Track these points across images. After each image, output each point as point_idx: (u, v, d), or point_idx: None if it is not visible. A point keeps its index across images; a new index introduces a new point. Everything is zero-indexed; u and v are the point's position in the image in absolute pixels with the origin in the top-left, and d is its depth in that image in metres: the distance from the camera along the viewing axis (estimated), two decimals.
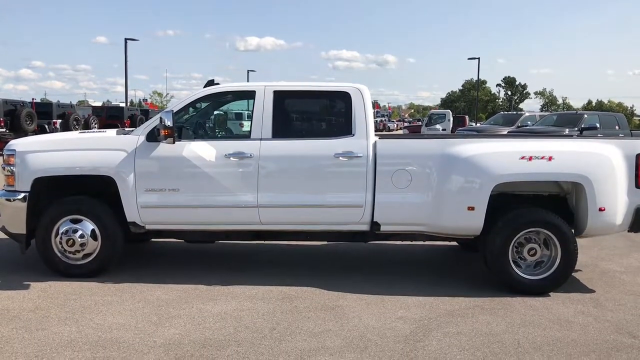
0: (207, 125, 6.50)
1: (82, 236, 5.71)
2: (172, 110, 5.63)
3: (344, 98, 5.92)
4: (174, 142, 5.57)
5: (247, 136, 5.86)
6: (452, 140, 5.81)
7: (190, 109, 6.19)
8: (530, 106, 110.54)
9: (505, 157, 5.51)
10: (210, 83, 6.27)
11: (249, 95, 5.98)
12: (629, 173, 5.59)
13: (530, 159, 5.45)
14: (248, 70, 55.05)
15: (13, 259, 6.44)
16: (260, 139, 5.74)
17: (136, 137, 5.79)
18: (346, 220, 5.78)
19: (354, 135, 5.76)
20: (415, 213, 5.69)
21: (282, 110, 5.93)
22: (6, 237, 6.05)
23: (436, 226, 5.70)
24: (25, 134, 19.90)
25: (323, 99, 6.26)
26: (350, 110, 5.83)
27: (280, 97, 5.90)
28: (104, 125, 26.69)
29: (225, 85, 6.23)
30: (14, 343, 4.19)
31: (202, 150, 5.70)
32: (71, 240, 5.69)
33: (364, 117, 5.80)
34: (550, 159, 5.46)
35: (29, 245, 5.92)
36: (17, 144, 5.93)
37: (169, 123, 5.46)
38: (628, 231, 5.79)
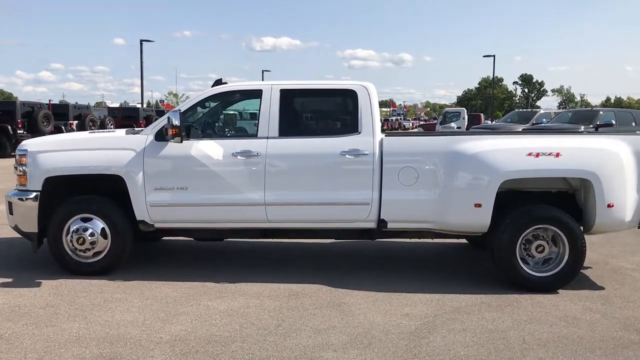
0: (215, 124, 6.55)
1: (92, 234, 5.79)
2: (180, 110, 5.69)
3: (350, 96, 5.93)
4: (181, 141, 5.64)
5: (254, 135, 5.90)
6: (458, 137, 5.80)
7: (199, 108, 6.24)
8: (548, 104, 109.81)
9: (512, 153, 5.49)
10: (218, 82, 6.32)
11: (256, 94, 6.02)
12: (639, 169, 5.54)
13: (537, 155, 5.42)
14: (263, 70, 55.19)
15: (25, 257, 6.54)
16: (267, 138, 5.78)
17: (145, 136, 5.86)
18: (353, 217, 5.79)
19: (360, 133, 5.77)
20: (422, 210, 5.69)
21: (289, 109, 5.96)
22: (19, 235, 6.17)
23: (443, 223, 5.69)
24: (42, 135, 20.16)
25: (329, 97, 6.30)
26: (357, 108, 5.85)
27: (287, 96, 5.93)
28: (120, 126, 26.94)
29: (233, 84, 6.28)
30: (24, 339, 4.27)
31: (210, 149, 5.76)
32: (81, 238, 5.78)
33: (370, 115, 5.81)
34: (557, 155, 5.42)
35: (41, 244, 6.02)
36: (29, 144, 6.03)
37: (176, 122, 5.52)
38: (638, 228, 5.75)
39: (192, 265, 6.44)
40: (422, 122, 60.67)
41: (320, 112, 6.51)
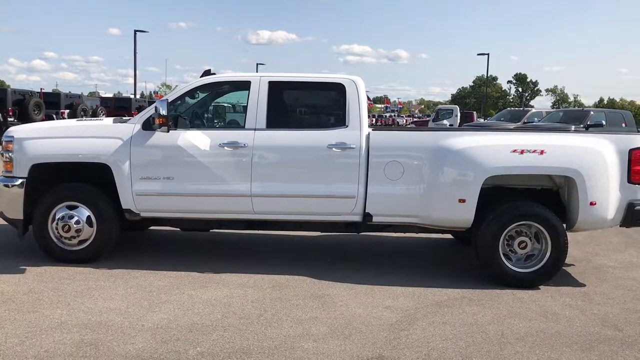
0: (203, 115, 6.55)
1: (77, 222, 5.79)
2: (167, 100, 5.69)
3: (338, 89, 5.96)
4: (168, 131, 5.65)
5: (241, 126, 5.91)
6: (444, 133, 5.85)
7: (187, 98, 6.24)
8: (542, 103, 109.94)
9: (497, 150, 5.53)
10: (207, 73, 6.32)
11: (244, 85, 6.02)
12: (622, 168, 5.59)
13: (521, 152, 5.47)
14: (257, 64, 55.03)
15: (11, 244, 6.54)
16: (255, 129, 5.79)
17: (132, 125, 5.86)
18: (338, 210, 5.82)
19: (347, 126, 5.80)
20: (407, 205, 5.72)
21: (277, 101, 5.98)
22: (4, 222, 6.15)
23: (427, 218, 5.73)
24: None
25: (317, 90, 6.30)
26: (344, 102, 5.87)
27: (275, 88, 5.95)
28: (112, 116, 26.79)
29: (221, 75, 6.29)
30: (6, 324, 4.28)
31: (197, 139, 5.77)
32: (67, 226, 5.78)
33: (357, 109, 5.83)
34: (542, 152, 5.47)
35: (27, 231, 6.01)
36: (16, 130, 6.02)
37: (163, 112, 5.53)
38: (620, 226, 5.81)
39: (178, 255, 6.46)
40: (415, 119, 60.69)
41: (308, 104, 6.52)
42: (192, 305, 4.81)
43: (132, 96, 40.63)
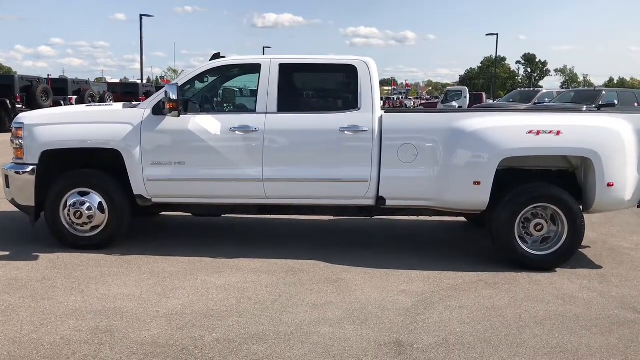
0: (213, 99, 6.48)
1: (89, 208, 5.77)
2: (177, 84, 5.62)
3: (350, 71, 5.86)
4: (178, 115, 5.58)
5: (252, 110, 5.84)
6: (458, 115, 5.75)
7: (197, 82, 6.17)
8: (551, 83, 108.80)
9: (512, 131, 5.44)
10: (216, 56, 6.24)
11: (255, 68, 5.93)
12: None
13: (537, 133, 5.37)
14: (264, 47, 54.74)
15: (23, 231, 6.53)
16: (266, 113, 5.72)
17: (142, 110, 5.80)
18: (351, 194, 5.76)
19: (359, 109, 5.71)
20: (421, 188, 5.65)
21: (288, 84, 5.89)
22: (16, 209, 6.15)
23: (442, 201, 5.66)
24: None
25: (329, 73, 6.21)
26: (357, 84, 5.78)
27: (286, 71, 5.86)
28: (119, 101, 26.80)
29: (230, 58, 6.20)
30: (21, 311, 4.27)
31: (207, 124, 5.70)
32: (79, 212, 5.75)
33: (370, 91, 5.74)
34: (558, 133, 5.37)
35: (39, 218, 6.00)
36: (25, 117, 5.98)
37: (173, 96, 5.46)
38: (638, 207, 5.72)
39: (190, 240, 6.43)
40: (424, 101, 60.28)
41: (319, 87, 6.43)
42: (206, 291, 4.79)
43: (139, 81, 40.60)
